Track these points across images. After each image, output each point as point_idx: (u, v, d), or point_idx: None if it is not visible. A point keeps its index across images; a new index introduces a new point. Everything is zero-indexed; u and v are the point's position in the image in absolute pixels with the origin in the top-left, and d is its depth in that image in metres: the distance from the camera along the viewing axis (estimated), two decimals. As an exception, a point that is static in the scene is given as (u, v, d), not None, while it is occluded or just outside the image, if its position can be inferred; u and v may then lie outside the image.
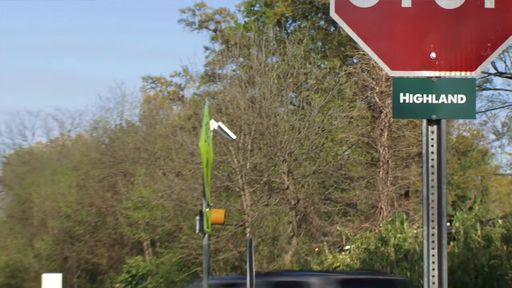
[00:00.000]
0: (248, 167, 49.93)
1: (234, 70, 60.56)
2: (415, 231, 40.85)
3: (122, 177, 66.05)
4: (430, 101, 6.90)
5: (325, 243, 48.01)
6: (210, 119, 19.30)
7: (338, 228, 48.48)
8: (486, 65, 7.12)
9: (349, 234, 46.86)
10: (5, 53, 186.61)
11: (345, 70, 53.54)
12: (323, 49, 60.17)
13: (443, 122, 6.93)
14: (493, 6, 6.91)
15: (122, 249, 68.36)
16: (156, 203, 56.61)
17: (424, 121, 6.94)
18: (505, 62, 50.00)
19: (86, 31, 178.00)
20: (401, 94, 6.89)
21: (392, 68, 6.96)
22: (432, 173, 6.93)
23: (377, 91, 50.39)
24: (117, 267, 66.51)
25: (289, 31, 61.61)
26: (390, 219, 44.96)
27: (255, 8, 68.48)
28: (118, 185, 65.81)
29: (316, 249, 48.01)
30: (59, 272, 48.31)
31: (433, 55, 6.91)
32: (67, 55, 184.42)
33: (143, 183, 58.95)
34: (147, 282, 58.67)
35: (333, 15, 7.01)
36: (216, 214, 19.00)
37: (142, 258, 62.12)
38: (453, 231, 39.08)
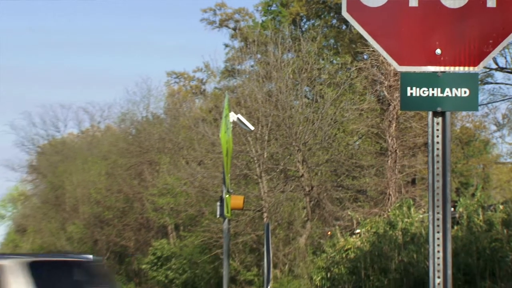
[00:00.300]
0: (265, 156, 50.00)
1: (252, 66, 60.50)
2: (421, 216, 40.79)
3: (148, 165, 66.09)
4: (435, 95, 6.92)
5: (337, 227, 48.01)
6: (230, 111, 19.34)
7: (349, 213, 48.45)
8: (488, 61, 7.15)
9: (359, 218, 46.80)
10: (43, 51, 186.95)
11: (356, 66, 53.51)
12: (335, 46, 60.11)
13: (448, 114, 6.94)
14: (494, 5, 6.93)
15: (148, 232, 68.37)
16: (179, 190, 56.66)
17: (430, 113, 6.95)
18: (505, 58, 50.08)
19: (115, 30, 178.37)
20: (409, 88, 6.91)
21: (400, 64, 6.98)
22: (437, 162, 6.95)
23: (385, 85, 50.34)
24: (144, 249, 66.57)
25: (303, 29, 61.50)
26: (397, 204, 44.91)
27: (272, 8, 68.53)
28: (144, 173, 65.86)
29: (329, 232, 47.98)
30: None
31: (438, 51, 6.93)
32: (97, 52, 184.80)
33: (168, 171, 59.01)
34: (171, 263, 58.70)
35: (344, 14, 7.04)
36: (236, 200, 19.05)
37: (167, 241, 62.13)
38: (457, 216, 39.01)
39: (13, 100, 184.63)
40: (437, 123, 6.96)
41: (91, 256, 24.72)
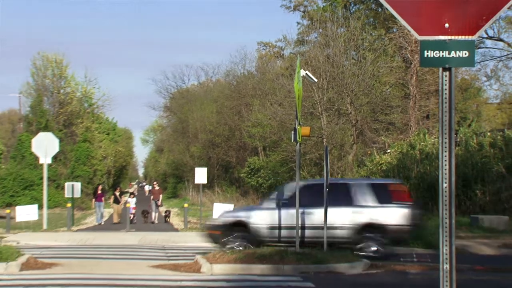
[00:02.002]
0: (324, 99, 50.00)
1: (315, 37, 60.50)
2: (433, 140, 40.52)
3: (245, 106, 66.20)
4: (444, 56, 6.82)
5: (374, 148, 47.95)
6: (300, 69, 19.21)
7: (382, 138, 48.36)
8: (482, 32, 7.01)
9: (389, 142, 46.74)
10: (178, 27, 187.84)
11: (388, 37, 53.34)
12: (373, 23, 59.50)
13: (453, 69, 6.86)
14: (487, -8, 6.83)
15: (244, 152, 68.79)
16: (266, 123, 56.93)
17: (440, 69, 6.86)
18: (493, 29, 49.27)
19: (223, 13, 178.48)
20: (425, 51, 6.83)
21: (420, 34, 6.88)
22: (445, 103, 6.85)
23: (409, 49, 50.04)
24: (242, 163, 66.98)
25: (351, 11, 60.98)
26: (416, 132, 44.72)
27: (330, -4, 68.08)
28: (242, 111, 65.99)
29: (368, 152, 47.89)
30: (205, 166, 48.78)
31: (446, 25, 6.81)
32: (210, 28, 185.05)
33: (258, 110, 59.17)
34: (260, 173, 59.05)
35: (381, 0, 6.97)
36: (304, 130, 18.97)
37: (257, 158, 62.46)
38: (458, 140, 38.74)
39: (155, 61, 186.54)
40: (445, 76, 6.87)
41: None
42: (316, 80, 29.14)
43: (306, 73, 20.51)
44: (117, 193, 43.09)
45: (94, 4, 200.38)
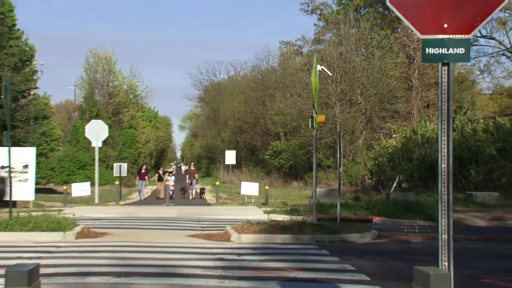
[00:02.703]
0: (338, 91, 49.88)
1: (330, 37, 60.37)
2: (432, 126, 40.28)
3: (268, 97, 66.16)
4: (443, 52, 6.78)
5: (381, 133, 47.75)
6: (317, 64, 19.14)
7: (389, 125, 48.15)
8: (476, 31, 6.95)
9: (395, 128, 46.54)
10: (211, 28, 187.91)
11: (394, 36, 53.02)
12: (381, 24, 59.16)
13: (451, 64, 6.82)
14: (481, -3, 6.77)
15: (268, 136, 68.72)
16: (287, 112, 56.86)
17: (440, 64, 6.81)
18: (486, 29, 48.85)
19: (250, 15, 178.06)
20: (427, 48, 6.79)
21: (422, 33, 6.84)
22: (444, 93, 6.81)
23: (412, 47, 49.82)
24: (266, 147, 66.98)
25: (361, 13, 60.69)
26: (418, 120, 44.48)
27: (343, 1, 67.89)
28: (266, 101, 65.98)
29: (376, 137, 47.72)
30: (233, 149, 48.71)
31: (445, 25, 6.76)
32: (238, 29, 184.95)
33: (280, 100, 59.20)
34: (282, 155, 59.06)
35: (388, 3, 6.92)
36: (320, 117, 18.93)
37: (279, 142, 62.43)
38: (454, 126, 38.47)
39: (191, 58, 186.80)
40: (444, 70, 6.82)
41: None
42: (330, 74, 29.03)
43: (321, 68, 20.43)
44: (161, 172, 43.31)
45: (139, 9, 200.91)
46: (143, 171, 41.44)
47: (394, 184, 36.73)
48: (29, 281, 5.54)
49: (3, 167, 27.36)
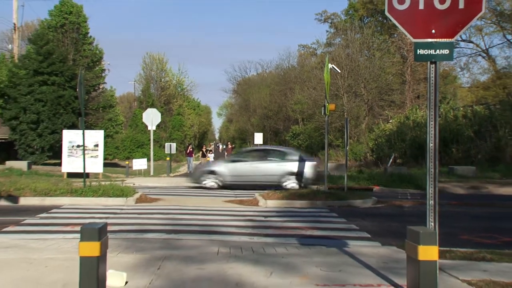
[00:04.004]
0: (345, 85, 49.49)
1: (339, 41, 59.90)
2: (422, 113, 39.92)
3: (289, 90, 65.93)
4: (432, 53, 6.70)
5: (380, 119, 47.42)
6: (328, 63, 19.00)
7: (386, 112, 47.82)
8: (458, 36, 6.86)
9: (391, 115, 46.18)
10: (242, 32, 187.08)
11: (391, 40, 52.50)
12: (380, 30, 58.57)
13: (438, 63, 6.74)
14: (463, 7, 6.65)
15: (289, 122, 68.48)
16: (304, 101, 56.67)
17: (429, 62, 6.75)
18: (466, 34, 48.21)
19: (275, 22, 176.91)
20: (418, 49, 6.73)
21: (414, 37, 6.77)
22: (432, 87, 6.75)
23: (405, 49, 49.38)
24: (287, 130, 66.66)
25: (365, 22, 60.15)
26: (410, 108, 44.08)
27: (350, 12, 67.31)
28: (287, 93, 65.80)
29: (376, 122, 47.42)
30: (261, 132, 48.73)
31: (433, 31, 6.67)
32: (265, 33, 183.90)
33: (298, 93, 58.99)
34: (300, 136, 58.84)
35: (386, 13, 6.85)
36: (331, 106, 18.82)
37: (298, 126, 62.24)
38: (439, 113, 38.06)
39: (227, 58, 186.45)
40: (432, 68, 6.76)
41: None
42: (339, 71, 28.95)
43: (332, 66, 20.31)
44: (204, 150, 43.58)
45: (188, 18, 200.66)
46: (190, 149, 41.67)
47: (391, 160, 36.50)
48: (99, 236, 5.63)
49: (78, 146, 27.69)
